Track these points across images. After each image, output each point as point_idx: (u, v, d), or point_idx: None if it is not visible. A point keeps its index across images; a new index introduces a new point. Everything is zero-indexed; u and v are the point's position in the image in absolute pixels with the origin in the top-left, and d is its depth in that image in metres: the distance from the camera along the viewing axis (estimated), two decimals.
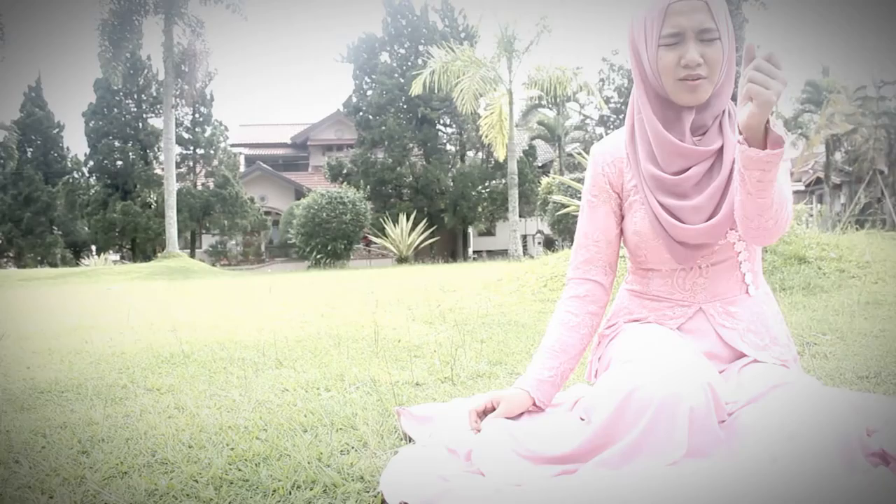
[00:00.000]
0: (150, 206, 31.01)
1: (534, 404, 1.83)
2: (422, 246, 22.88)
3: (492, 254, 29.83)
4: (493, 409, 1.81)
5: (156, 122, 31.97)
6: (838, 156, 31.25)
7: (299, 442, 1.88)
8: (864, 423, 1.64)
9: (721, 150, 1.73)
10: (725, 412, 1.53)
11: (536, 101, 31.39)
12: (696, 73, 1.63)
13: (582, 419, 1.76)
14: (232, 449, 1.85)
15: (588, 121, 35.68)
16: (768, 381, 1.58)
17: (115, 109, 31.60)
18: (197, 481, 1.63)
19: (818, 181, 33.51)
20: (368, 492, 1.55)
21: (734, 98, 1.64)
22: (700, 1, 1.62)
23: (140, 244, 30.92)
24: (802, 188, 34.83)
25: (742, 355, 1.78)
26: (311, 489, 1.55)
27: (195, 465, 1.73)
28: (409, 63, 30.08)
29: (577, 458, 1.51)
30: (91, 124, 31.41)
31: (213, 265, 27.77)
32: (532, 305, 5.56)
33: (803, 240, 6.26)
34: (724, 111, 1.75)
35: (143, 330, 4.70)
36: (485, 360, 3.17)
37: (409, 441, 1.92)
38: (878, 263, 5.82)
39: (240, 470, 1.69)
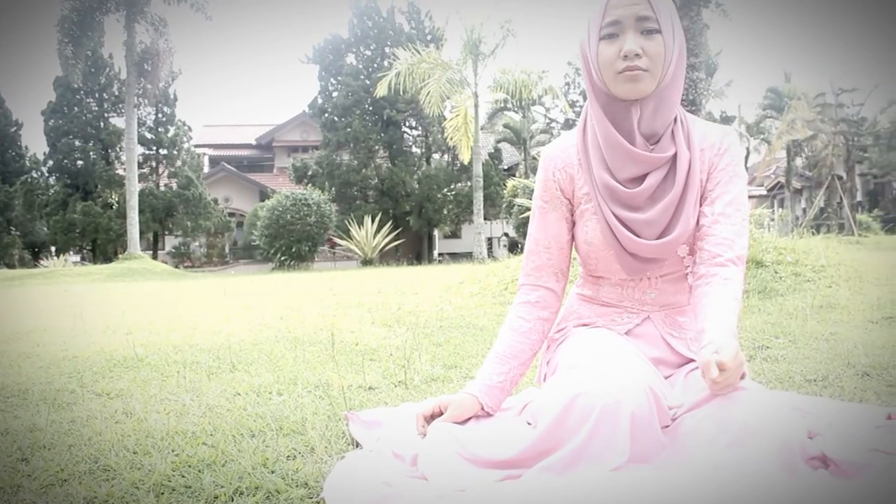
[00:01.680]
0: (111, 207, 30.58)
1: (482, 409, 1.82)
2: (387, 248, 22.84)
3: (457, 256, 29.84)
4: (441, 414, 1.79)
5: (118, 121, 31.54)
6: (799, 161, 31.70)
7: (245, 447, 1.86)
8: (806, 427, 1.67)
9: (675, 160, 1.73)
10: (669, 417, 1.53)
11: (502, 105, 31.45)
12: (634, 64, 1.63)
13: (529, 424, 1.76)
14: (177, 455, 1.82)
15: (553, 124, 35.83)
16: None
17: (76, 108, 31.12)
18: (138, 488, 1.60)
19: (779, 186, 34.01)
20: (312, 498, 1.53)
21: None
22: None
23: (101, 245, 30.45)
24: (764, 192, 35.34)
25: (691, 360, 1.79)
26: (254, 495, 1.53)
27: (138, 471, 1.70)
28: (375, 65, 30.04)
29: (521, 464, 1.51)
30: (51, 123, 30.90)
31: (176, 267, 27.48)
32: (492, 308, 5.56)
33: (761, 244, 6.32)
34: (675, 119, 1.75)
35: (97, 333, 4.63)
36: (440, 364, 3.16)
37: (357, 446, 1.90)
38: (832, 267, 5.92)
39: (183, 476, 1.66)
